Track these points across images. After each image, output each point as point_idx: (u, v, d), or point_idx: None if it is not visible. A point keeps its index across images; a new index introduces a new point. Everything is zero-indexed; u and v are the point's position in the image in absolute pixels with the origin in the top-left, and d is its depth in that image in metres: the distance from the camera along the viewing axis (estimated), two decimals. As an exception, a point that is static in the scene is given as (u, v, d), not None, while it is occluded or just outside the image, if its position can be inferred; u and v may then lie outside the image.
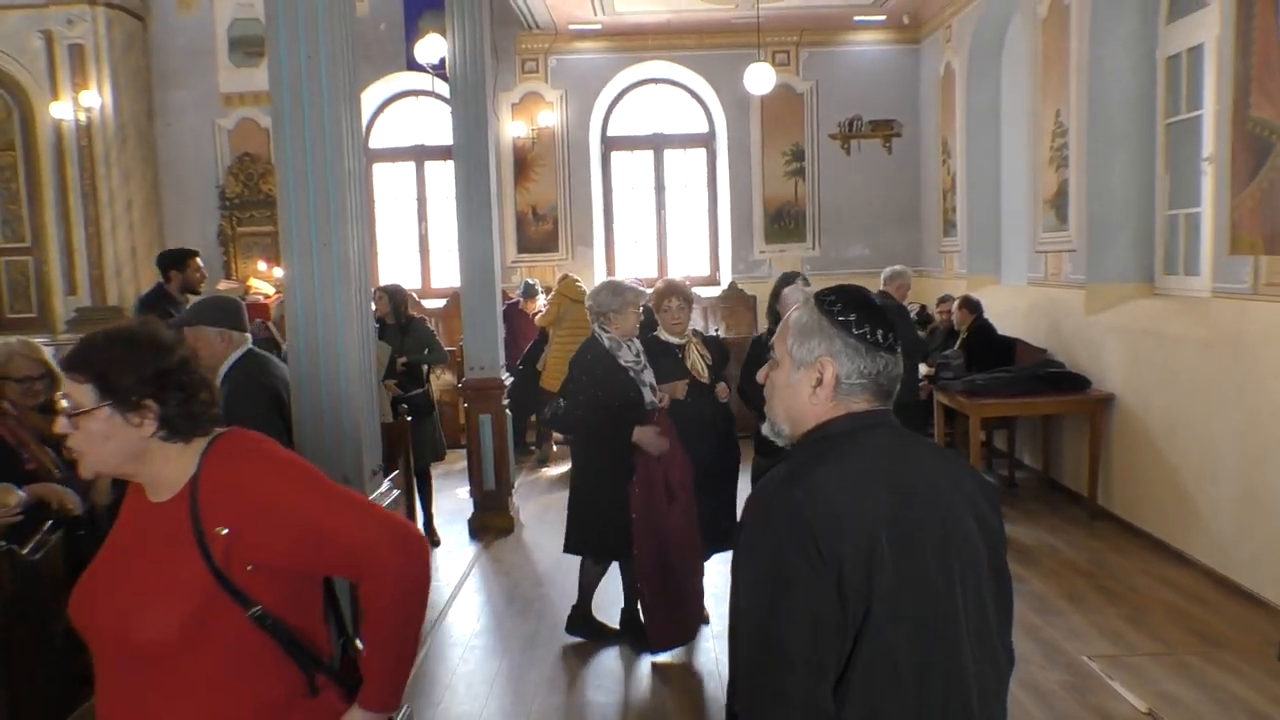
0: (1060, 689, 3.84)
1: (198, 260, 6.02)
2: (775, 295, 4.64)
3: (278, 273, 9.21)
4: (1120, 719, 3.59)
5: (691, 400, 4.35)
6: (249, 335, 3.59)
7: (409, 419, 5.38)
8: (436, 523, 6.15)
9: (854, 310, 1.47)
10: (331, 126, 3.09)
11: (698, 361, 4.46)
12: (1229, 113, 4.74)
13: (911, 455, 1.47)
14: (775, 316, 4.50)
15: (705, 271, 10.52)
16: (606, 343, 4.16)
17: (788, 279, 4.63)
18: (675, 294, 4.46)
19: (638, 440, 4.05)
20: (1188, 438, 5.19)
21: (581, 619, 4.50)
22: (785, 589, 1.33)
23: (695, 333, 4.63)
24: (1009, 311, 7.28)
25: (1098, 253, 6.19)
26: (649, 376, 4.21)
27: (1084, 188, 6.21)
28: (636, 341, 4.26)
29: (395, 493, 3.51)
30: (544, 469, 8.16)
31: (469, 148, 6.18)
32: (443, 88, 7.73)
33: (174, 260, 5.95)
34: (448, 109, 6.53)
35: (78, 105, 9.29)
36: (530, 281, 9.01)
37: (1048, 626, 4.44)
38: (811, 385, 1.47)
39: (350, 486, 3.17)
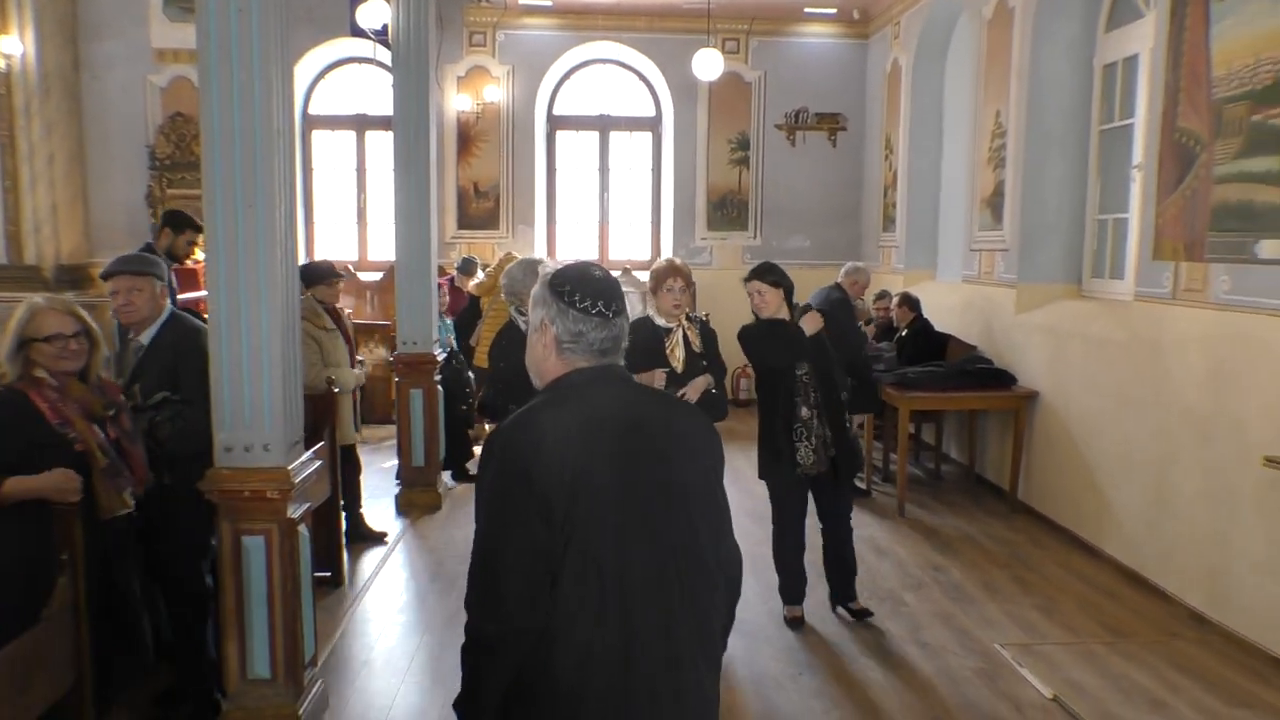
0: (972, 675, 3.94)
1: (191, 234, 5.76)
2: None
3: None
4: (1027, 705, 3.70)
5: (671, 390, 3.89)
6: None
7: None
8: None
9: (569, 283, 1.72)
10: (261, 84, 2.99)
11: (677, 348, 4.11)
12: (1158, 122, 4.88)
13: (630, 401, 1.75)
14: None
15: (646, 256, 10.50)
16: (523, 325, 3.85)
17: (754, 271, 4.33)
18: (679, 274, 4.12)
19: None
20: (1105, 437, 5.35)
21: None
22: (502, 514, 1.62)
23: (689, 316, 4.23)
24: (943, 308, 7.42)
25: (1029, 253, 6.34)
26: None
27: (1019, 189, 6.34)
28: None
29: (317, 463, 3.44)
30: (476, 447, 8.07)
31: (409, 118, 6.05)
32: (385, 55, 7.55)
33: (175, 222, 5.72)
34: (390, 77, 6.38)
35: (-2, 51, 8.85)
36: (470, 258, 8.80)
37: (963, 615, 4.55)
38: (543, 345, 1.75)
39: (268, 456, 3.11)
